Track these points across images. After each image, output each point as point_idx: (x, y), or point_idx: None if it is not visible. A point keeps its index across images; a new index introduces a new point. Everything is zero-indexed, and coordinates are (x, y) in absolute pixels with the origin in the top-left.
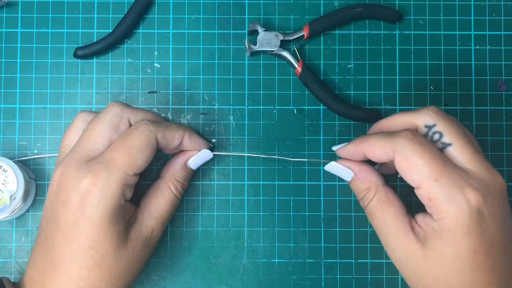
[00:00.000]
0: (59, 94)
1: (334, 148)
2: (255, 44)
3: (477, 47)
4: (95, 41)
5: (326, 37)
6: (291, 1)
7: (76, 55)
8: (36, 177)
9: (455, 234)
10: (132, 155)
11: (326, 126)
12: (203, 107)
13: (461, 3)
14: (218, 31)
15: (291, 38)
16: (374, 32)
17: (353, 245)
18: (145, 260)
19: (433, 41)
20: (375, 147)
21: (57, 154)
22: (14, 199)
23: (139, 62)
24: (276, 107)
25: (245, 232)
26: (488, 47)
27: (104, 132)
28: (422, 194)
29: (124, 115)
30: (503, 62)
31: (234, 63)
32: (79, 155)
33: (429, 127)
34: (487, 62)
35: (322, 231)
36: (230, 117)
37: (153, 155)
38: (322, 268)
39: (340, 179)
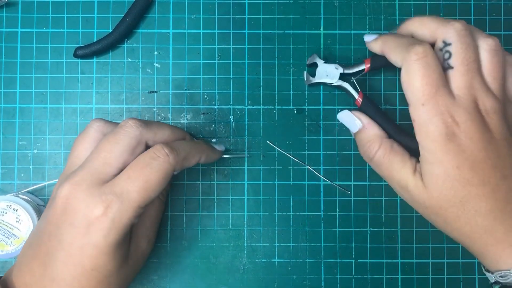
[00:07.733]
0: (59, 94)
1: (365, 38)
2: (313, 75)
3: None
4: (95, 41)
5: (326, 37)
6: (291, 1)
7: (76, 55)
8: (44, 201)
9: (436, 153)
10: (148, 189)
11: (326, 126)
12: (203, 107)
13: (461, 3)
14: (218, 31)
15: (351, 71)
16: (374, 32)
17: (353, 245)
18: (141, 267)
19: None
20: (391, 54)
21: (56, 181)
22: None
23: (139, 62)
24: (276, 107)
25: (245, 232)
26: None
27: (120, 156)
28: (410, 112)
29: (143, 139)
30: None
31: (234, 63)
32: (92, 177)
33: (445, 44)
34: None
35: (322, 231)
36: (230, 117)
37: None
38: (322, 268)
39: (340, 179)
